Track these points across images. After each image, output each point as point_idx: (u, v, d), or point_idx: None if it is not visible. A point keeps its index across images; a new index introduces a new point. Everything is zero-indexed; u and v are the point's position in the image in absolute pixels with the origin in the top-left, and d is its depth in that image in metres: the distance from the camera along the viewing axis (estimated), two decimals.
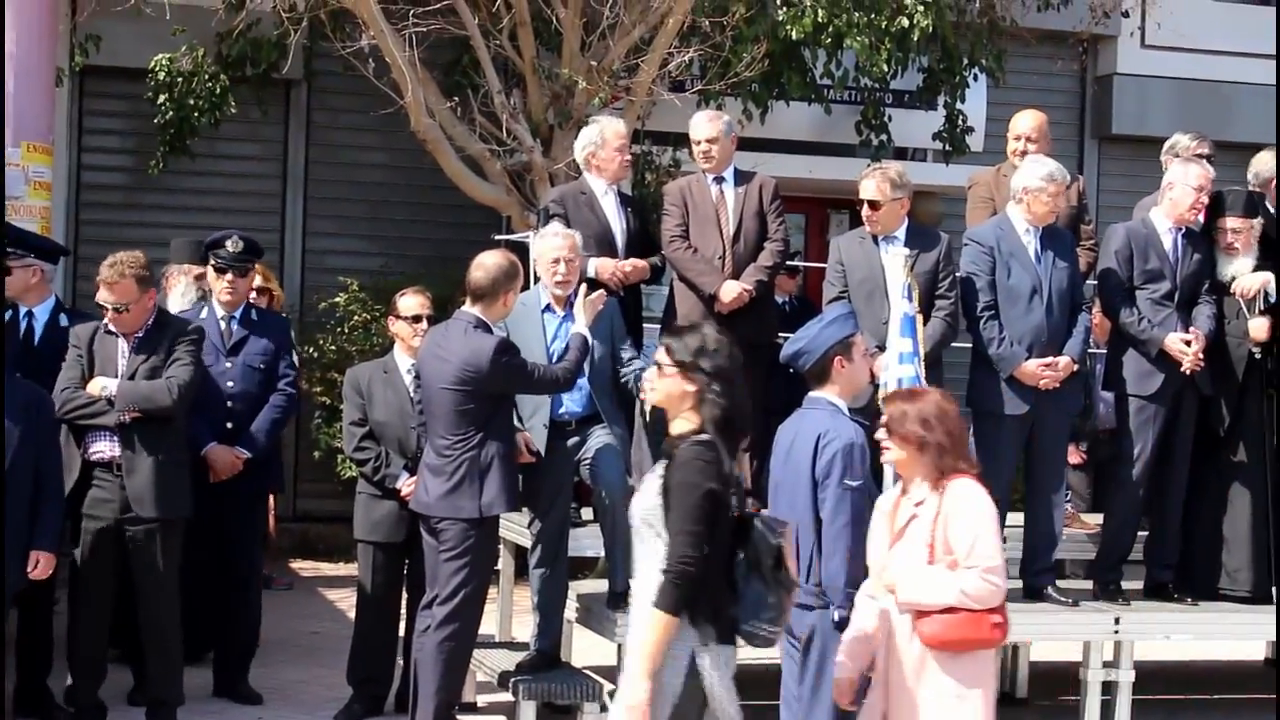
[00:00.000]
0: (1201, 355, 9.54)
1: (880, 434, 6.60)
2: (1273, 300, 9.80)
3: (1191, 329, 9.58)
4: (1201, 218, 9.86)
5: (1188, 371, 9.53)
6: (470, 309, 8.44)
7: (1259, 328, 9.75)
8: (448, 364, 8.25)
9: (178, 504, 8.77)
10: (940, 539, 6.45)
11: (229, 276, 9.73)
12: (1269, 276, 9.82)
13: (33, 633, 9.18)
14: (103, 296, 8.73)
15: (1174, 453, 9.78)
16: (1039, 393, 9.41)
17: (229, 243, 9.75)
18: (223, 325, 9.73)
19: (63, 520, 8.48)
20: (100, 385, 8.65)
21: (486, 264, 8.46)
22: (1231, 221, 9.82)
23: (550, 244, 9.05)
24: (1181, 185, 9.72)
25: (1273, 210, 10.16)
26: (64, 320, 9.56)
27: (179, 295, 10.53)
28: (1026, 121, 10.60)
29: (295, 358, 10.34)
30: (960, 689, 6.42)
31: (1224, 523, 9.88)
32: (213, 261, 9.77)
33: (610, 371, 9.08)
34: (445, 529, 8.33)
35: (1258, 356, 9.79)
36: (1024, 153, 10.37)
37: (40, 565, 8.24)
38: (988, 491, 6.63)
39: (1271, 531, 9.88)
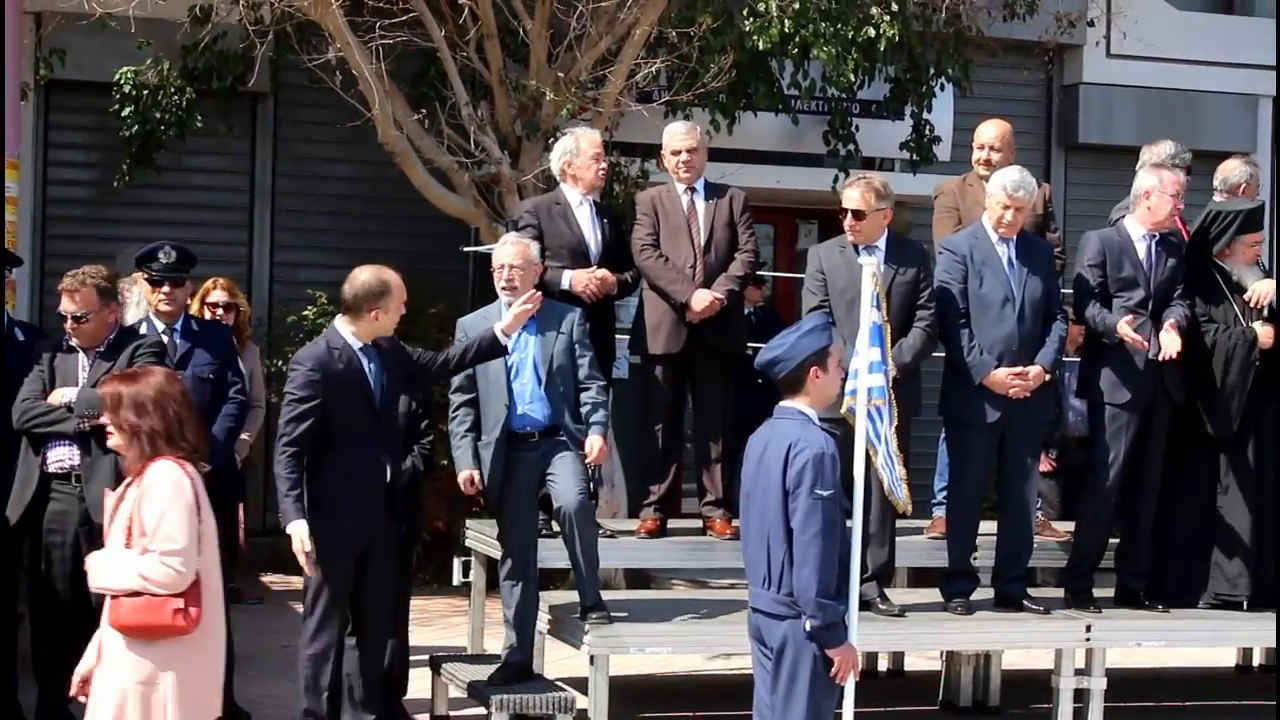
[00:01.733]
0: (1175, 354, 9.55)
1: (105, 418, 6.43)
2: (1276, 308, 9.86)
3: (1166, 323, 9.59)
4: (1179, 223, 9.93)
5: (1167, 357, 9.52)
6: (339, 321, 8.48)
7: (1266, 335, 9.80)
8: None
9: None
10: (137, 521, 6.30)
11: (165, 288, 9.54)
12: (1273, 283, 9.88)
13: None
14: (64, 306, 8.74)
15: (1146, 461, 9.82)
16: (1010, 402, 9.43)
17: (161, 254, 9.63)
18: (165, 339, 9.62)
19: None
20: (60, 394, 8.65)
21: (355, 279, 8.44)
22: (1257, 236, 9.92)
23: (500, 251, 9.12)
24: (1159, 193, 9.75)
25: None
26: (19, 335, 9.51)
27: (134, 305, 10.41)
28: (990, 131, 10.63)
29: (242, 364, 10.30)
30: (149, 674, 6.21)
31: (1218, 530, 9.90)
32: (146, 275, 9.66)
33: (572, 383, 9.07)
34: None
35: (1257, 364, 9.82)
36: (988, 161, 10.41)
37: None
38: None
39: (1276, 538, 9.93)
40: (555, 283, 9.57)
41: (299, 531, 8.21)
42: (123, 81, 14.25)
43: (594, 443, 8.99)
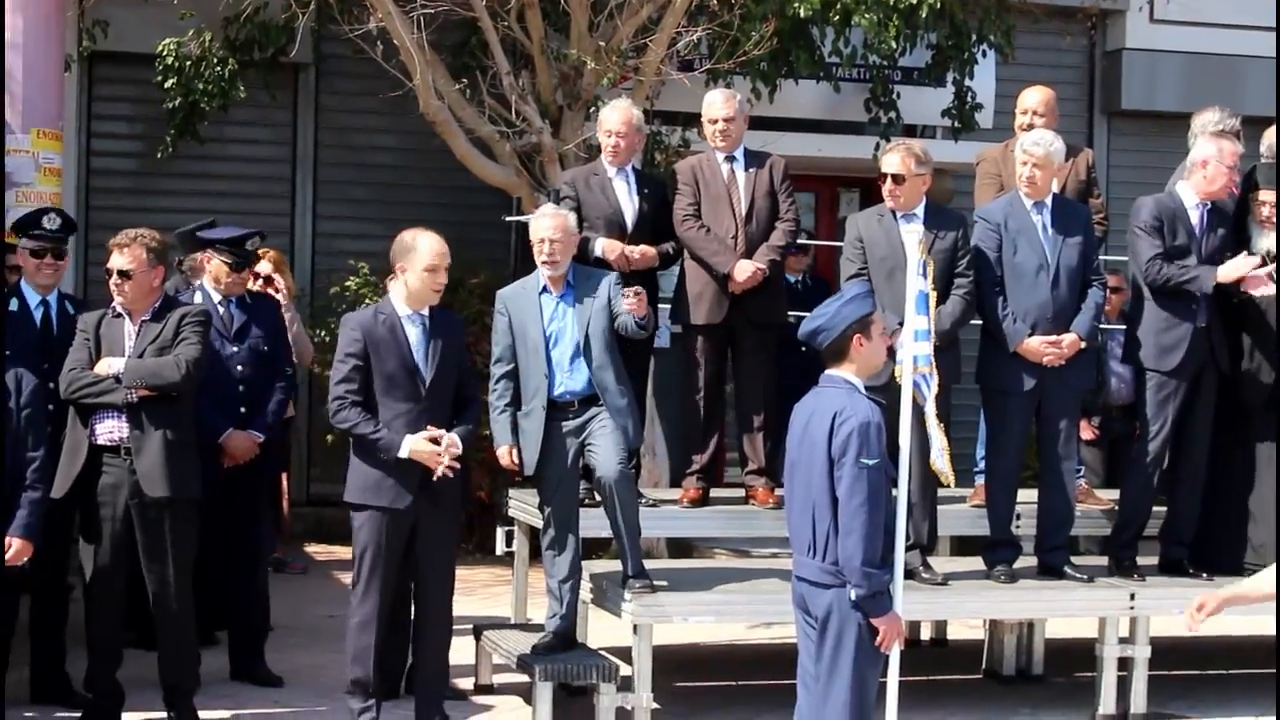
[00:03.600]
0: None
1: None
2: None
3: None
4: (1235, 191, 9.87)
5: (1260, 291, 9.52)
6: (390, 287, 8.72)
7: None
8: None
9: (188, 484, 8.73)
10: None
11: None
12: None
13: (47, 620, 9.18)
14: (112, 261, 8.72)
15: (1193, 430, 9.78)
16: (1045, 369, 9.42)
17: (249, 243, 9.81)
18: (222, 310, 9.71)
19: (42, 509, 8.32)
20: (107, 364, 8.61)
21: (398, 237, 8.74)
22: (1267, 195, 9.81)
23: (538, 224, 9.12)
24: (1216, 163, 9.72)
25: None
26: (70, 309, 9.57)
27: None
28: (1034, 97, 10.60)
29: (289, 336, 10.40)
30: None
31: (1250, 497, 9.87)
32: (230, 258, 9.77)
33: (614, 343, 9.07)
34: None
35: None
36: (1031, 127, 10.35)
37: (13, 550, 8.13)
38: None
39: None
40: (590, 252, 9.57)
41: (417, 445, 8.47)
42: (165, 53, 14.27)
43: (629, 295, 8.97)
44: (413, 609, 8.97)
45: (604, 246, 9.72)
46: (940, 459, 8.38)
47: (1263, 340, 9.80)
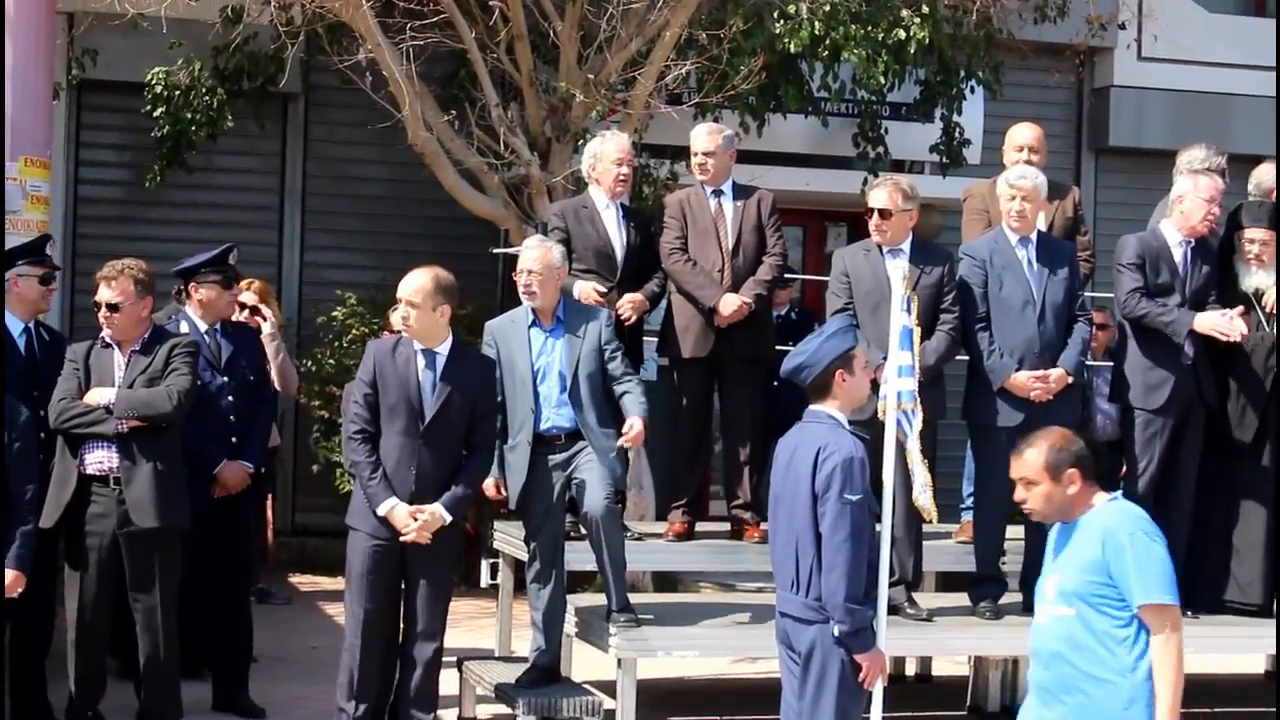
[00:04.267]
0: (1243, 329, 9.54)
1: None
2: None
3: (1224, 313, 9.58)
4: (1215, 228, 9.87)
5: (1240, 338, 9.51)
6: None
7: None
8: None
9: (176, 514, 8.78)
10: None
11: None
12: None
13: (29, 649, 9.14)
14: (100, 294, 8.76)
15: (1180, 467, 9.78)
16: (1033, 405, 9.41)
17: (230, 256, 9.84)
18: (209, 340, 9.69)
19: (34, 540, 8.32)
20: (98, 395, 8.64)
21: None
22: (1255, 233, 9.81)
23: (522, 256, 9.18)
24: (1192, 198, 9.73)
25: None
26: (46, 336, 9.59)
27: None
28: (1023, 134, 10.59)
29: (270, 367, 10.42)
30: None
31: (1235, 535, 9.87)
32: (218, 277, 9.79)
33: (601, 385, 9.07)
34: None
35: (1275, 369, 9.77)
36: (1027, 163, 10.36)
37: (9, 580, 8.13)
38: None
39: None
40: (567, 289, 9.57)
41: (395, 513, 8.51)
42: (154, 82, 14.29)
43: (635, 423, 8.98)
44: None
45: (579, 291, 9.72)
46: (923, 495, 8.38)
47: (1249, 378, 9.80)
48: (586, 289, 9.74)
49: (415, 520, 8.52)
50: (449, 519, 8.63)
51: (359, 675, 8.63)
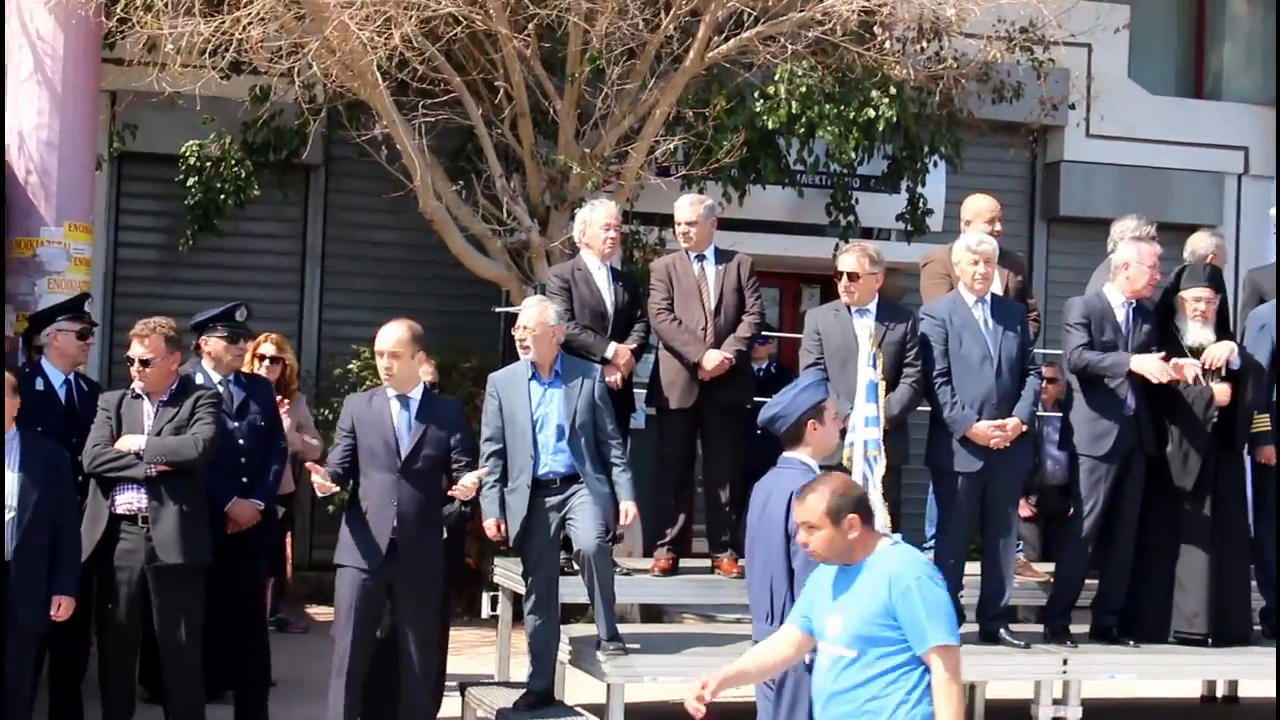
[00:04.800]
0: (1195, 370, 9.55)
1: None
2: (1234, 368, 9.81)
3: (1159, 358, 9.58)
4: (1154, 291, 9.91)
5: (1187, 377, 9.53)
6: None
7: (1223, 392, 9.77)
8: None
9: (200, 551, 8.79)
10: None
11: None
12: (1233, 346, 9.84)
13: (67, 673, 9.12)
14: (133, 350, 8.78)
15: (1123, 509, 9.78)
16: (990, 452, 9.41)
17: (237, 314, 9.83)
18: (222, 389, 9.68)
19: (80, 567, 8.45)
20: (130, 442, 8.65)
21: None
22: (1197, 292, 9.85)
23: (521, 315, 9.19)
24: (1137, 264, 9.76)
25: None
26: (85, 386, 9.65)
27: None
28: (978, 204, 10.61)
29: (283, 414, 10.38)
30: None
31: (1179, 571, 9.86)
32: (224, 332, 9.76)
33: (593, 436, 9.07)
34: None
35: (1215, 419, 9.78)
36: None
37: (62, 608, 8.26)
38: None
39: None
40: (585, 346, 9.58)
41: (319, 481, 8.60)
42: (188, 154, 14.30)
43: (628, 509, 9.05)
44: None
45: (616, 351, 9.87)
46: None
47: (1189, 427, 9.79)
48: (624, 350, 9.91)
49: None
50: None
51: (347, 703, 8.60)
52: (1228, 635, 9.93)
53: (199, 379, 9.57)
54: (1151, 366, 9.53)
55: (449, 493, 8.81)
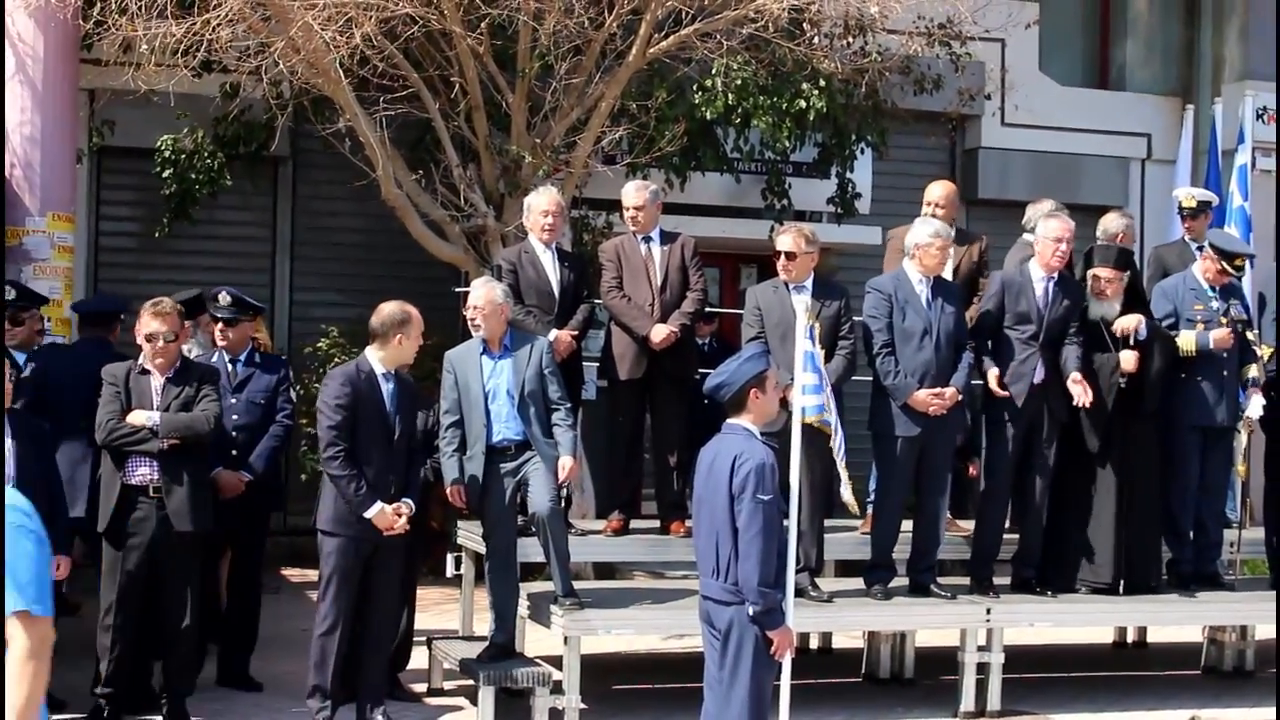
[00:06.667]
0: (1086, 403, 9.63)
1: None
2: (1141, 338, 9.88)
3: (1071, 377, 9.64)
4: (1066, 263, 9.96)
5: (1082, 404, 9.62)
6: (369, 349, 8.67)
7: (1129, 360, 9.84)
8: None
9: (207, 519, 8.79)
10: None
11: (220, 326, 9.78)
12: (1141, 318, 9.91)
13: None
14: (154, 327, 8.63)
15: (1035, 470, 9.85)
16: (928, 418, 9.45)
17: (220, 296, 9.77)
18: (229, 367, 9.71)
19: (70, 530, 8.42)
20: (145, 417, 8.57)
21: (381, 311, 8.73)
22: (1101, 271, 9.93)
23: (470, 295, 9.21)
24: (1042, 239, 9.83)
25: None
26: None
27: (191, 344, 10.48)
28: (938, 190, 10.71)
29: (292, 393, 10.26)
30: None
31: (1089, 527, 9.94)
32: (210, 311, 9.81)
33: (542, 403, 9.07)
34: None
35: (1123, 386, 9.85)
36: (934, 217, 10.45)
37: (60, 568, 8.17)
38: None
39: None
40: (527, 330, 9.54)
41: (378, 513, 8.47)
42: (163, 148, 14.21)
43: (565, 463, 9.02)
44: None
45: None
46: (845, 491, 8.46)
47: (1095, 392, 9.85)
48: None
49: (400, 516, 8.51)
50: (414, 509, 8.69)
51: (336, 662, 8.57)
52: (1137, 585, 10.02)
53: (214, 359, 9.61)
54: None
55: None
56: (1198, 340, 10.18)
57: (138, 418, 8.58)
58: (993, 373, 9.69)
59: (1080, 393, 9.59)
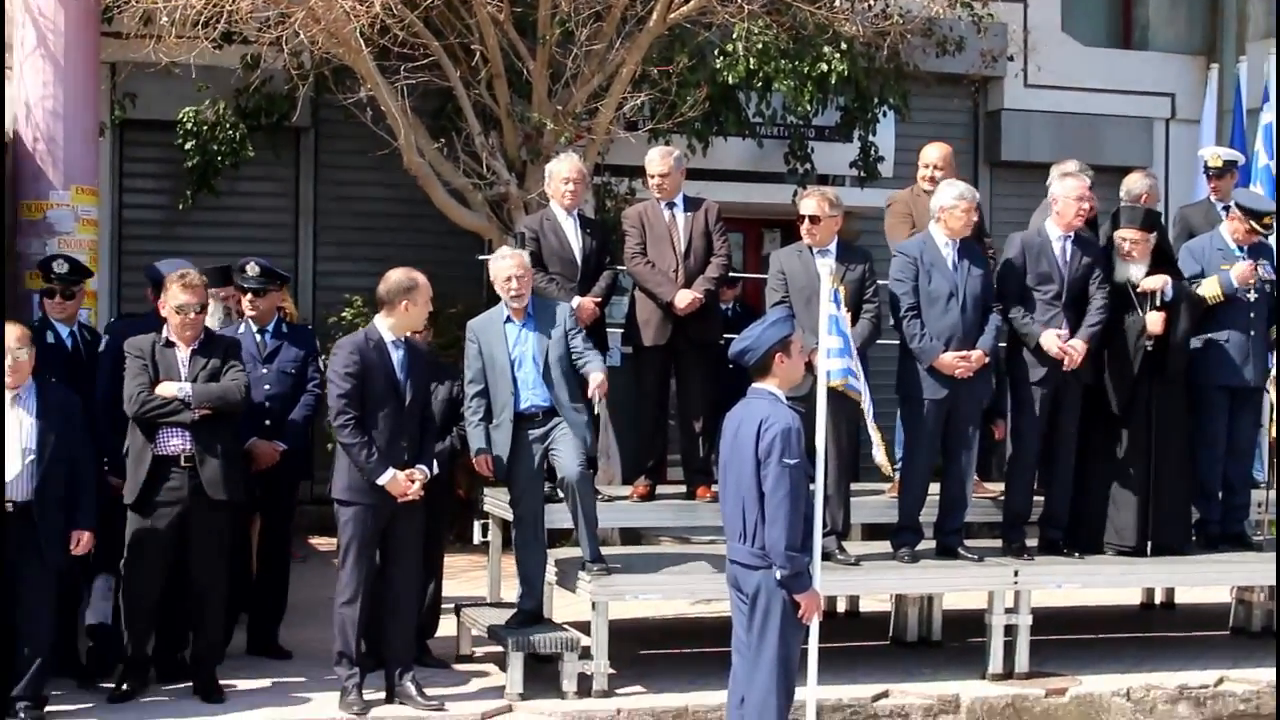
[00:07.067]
0: (1079, 355, 9.56)
1: None
2: (1168, 299, 9.83)
3: (1061, 334, 9.59)
4: (1089, 222, 9.91)
5: (1066, 369, 9.55)
6: (377, 317, 8.63)
7: (1155, 321, 9.80)
8: None
9: (239, 489, 8.81)
10: None
11: (249, 297, 9.77)
12: (1168, 279, 9.86)
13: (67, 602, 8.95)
14: (185, 299, 8.61)
15: (1061, 432, 9.82)
16: (955, 380, 9.43)
17: (248, 267, 9.78)
18: (258, 338, 9.72)
19: (96, 505, 8.37)
20: (177, 388, 8.56)
21: (388, 278, 8.65)
22: (1127, 233, 9.88)
23: (502, 265, 9.12)
24: (1064, 199, 9.78)
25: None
26: (88, 337, 9.64)
27: (210, 316, 10.47)
28: (934, 152, 10.66)
29: (320, 363, 10.27)
30: None
31: (1113, 489, 9.92)
32: (238, 282, 9.81)
33: (569, 367, 9.05)
34: None
35: (1149, 348, 9.81)
36: (932, 179, 10.41)
37: (82, 543, 8.22)
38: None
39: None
40: (549, 297, 9.51)
41: (391, 480, 8.41)
42: (185, 120, 14.24)
43: (596, 378, 8.99)
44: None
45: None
46: (878, 453, 8.46)
47: (1122, 356, 9.83)
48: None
49: (413, 482, 8.49)
50: (429, 474, 8.62)
51: (359, 628, 8.56)
52: (1164, 547, 10.00)
53: (241, 329, 9.62)
54: (1052, 344, 9.55)
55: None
56: (1221, 282, 10.13)
57: (168, 389, 8.56)
58: (1050, 334, 9.59)
59: (1058, 349, 9.54)
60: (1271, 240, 10.52)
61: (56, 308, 9.43)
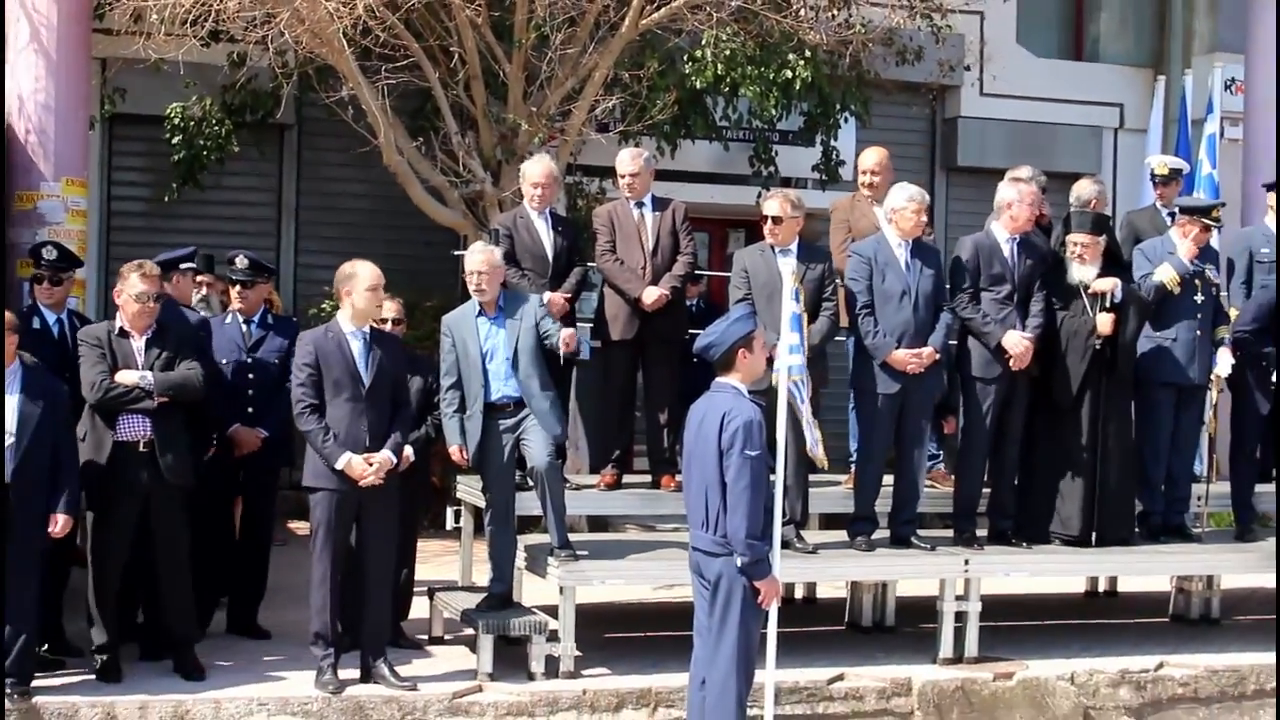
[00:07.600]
0: (1028, 356, 9.59)
1: None
2: (1117, 301, 9.85)
3: (1024, 335, 9.60)
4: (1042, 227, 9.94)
5: (1015, 368, 9.57)
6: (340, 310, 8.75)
7: (1105, 322, 9.82)
8: None
9: (194, 474, 8.76)
10: None
11: (238, 289, 9.75)
12: (1118, 281, 9.88)
13: (53, 583, 8.88)
14: (144, 289, 8.56)
15: (1009, 424, 9.84)
16: (907, 376, 9.42)
17: (237, 260, 9.74)
18: (244, 328, 9.68)
19: (78, 489, 8.31)
20: (137, 376, 8.50)
21: (338, 271, 8.73)
22: (1078, 236, 9.90)
23: (470, 260, 9.13)
24: (1018, 203, 9.78)
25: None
26: (78, 324, 9.51)
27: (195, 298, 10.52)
28: (871, 157, 10.71)
29: None
30: None
31: (1060, 481, 9.94)
32: (227, 274, 9.77)
33: (539, 357, 9.03)
34: None
35: (1098, 348, 9.83)
36: (870, 184, 10.45)
37: (60, 525, 8.14)
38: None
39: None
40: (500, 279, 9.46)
41: (350, 463, 8.37)
42: (172, 115, 14.17)
43: (566, 334, 8.95)
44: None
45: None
46: (816, 448, 8.43)
47: (1071, 353, 9.85)
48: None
49: (370, 465, 8.45)
50: (395, 461, 8.56)
51: (332, 609, 8.53)
52: (1109, 537, 10.03)
53: (228, 320, 9.57)
54: (1018, 346, 9.57)
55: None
56: (1175, 267, 10.15)
57: (128, 377, 8.49)
58: (1014, 335, 9.59)
59: (1023, 348, 9.56)
60: (1214, 241, 10.59)
61: (45, 293, 9.37)
